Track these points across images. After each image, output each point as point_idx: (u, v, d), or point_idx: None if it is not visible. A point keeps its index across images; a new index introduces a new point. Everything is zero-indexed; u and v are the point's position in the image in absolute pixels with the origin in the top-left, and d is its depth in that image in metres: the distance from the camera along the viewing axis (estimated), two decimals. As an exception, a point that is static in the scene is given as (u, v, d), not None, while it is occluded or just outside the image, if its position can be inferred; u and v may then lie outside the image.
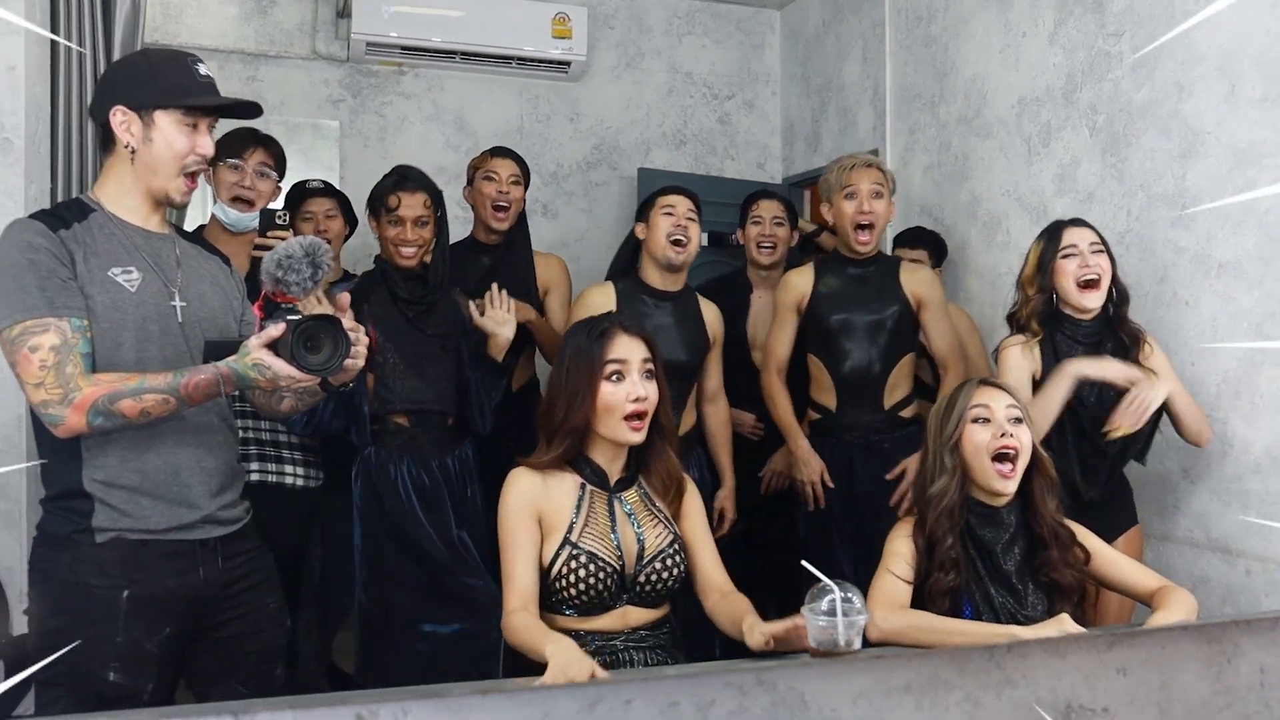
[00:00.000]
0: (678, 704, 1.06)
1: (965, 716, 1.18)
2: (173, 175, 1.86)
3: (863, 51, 4.30)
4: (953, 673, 1.16)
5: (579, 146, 4.70)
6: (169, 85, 1.85)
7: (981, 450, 2.02)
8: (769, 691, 1.10)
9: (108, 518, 1.81)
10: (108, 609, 1.79)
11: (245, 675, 1.98)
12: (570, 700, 1.03)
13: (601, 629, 1.94)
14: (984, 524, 2.05)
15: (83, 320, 1.77)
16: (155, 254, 1.90)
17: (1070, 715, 1.22)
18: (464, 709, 1.00)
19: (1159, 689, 1.29)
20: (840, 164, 3.10)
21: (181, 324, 1.89)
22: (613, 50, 4.79)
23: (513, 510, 1.94)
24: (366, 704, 0.99)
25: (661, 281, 3.02)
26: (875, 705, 1.15)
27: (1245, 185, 2.61)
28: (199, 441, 1.90)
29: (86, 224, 1.84)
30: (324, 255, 1.85)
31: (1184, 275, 2.78)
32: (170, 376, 1.75)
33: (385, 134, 4.44)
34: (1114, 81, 3.01)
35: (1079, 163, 3.14)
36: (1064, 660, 1.24)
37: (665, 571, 1.97)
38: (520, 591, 1.88)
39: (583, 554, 1.91)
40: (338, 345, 1.77)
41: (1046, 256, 2.58)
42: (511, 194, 3.24)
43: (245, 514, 2.02)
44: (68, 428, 1.73)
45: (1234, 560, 2.64)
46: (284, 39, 4.31)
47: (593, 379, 1.95)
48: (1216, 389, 2.68)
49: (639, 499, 2.04)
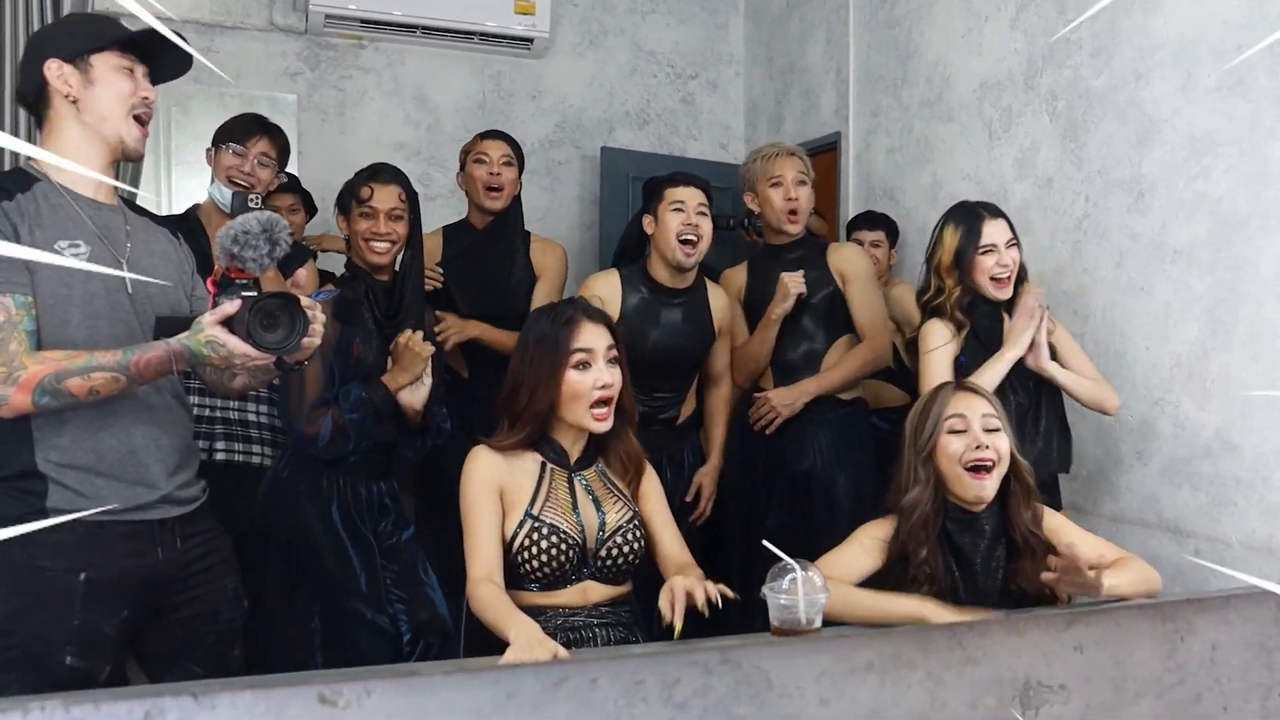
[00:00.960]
0: (643, 682, 1.06)
1: (927, 694, 1.19)
2: (122, 118, 1.82)
3: (826, 33, 4.30)
4: (915, 651, 1.17)
5: (541, 124, 4.66)
6: (98, 28, 1.83)
7: (955, 460, 1.98)
8: (734, 670, 1.10)
9: (63, 499, 1.77)
10: (64, 592, 1.76)
11: (202, 656, 1.95)
12: (536, 679, 1.03)
13: (564, 604, 1.96)
14: (962, 531, 2.01)
15: (27, 296, 1.72)
16: (105, 226, 1.85)
17: (1029, 692, 1.24)
18: (429, 689, 0.99)
19: (1114, 665, 1.32)
20: (763, 154, 3.10)
21: (131, 298, 1.84)
22: (576, 27, 4.75)
23: (475, 484, 1.96)
24: (329, 684, 0.98)
25: (670, 279, 2.93)
26: (838, 683, 1.16)
27: (1200, 173, 2.64)
28: (154, 420, 1.87)
29: (30, 194, 1.78)
30: (281, 231, 1.82)
31: (1139, 261, 2.82)
32: (120, 354, 1.71)
33: (344, 108, 4.38)
34: (1073, 68, 3.04)
35: (1038, 148, 3.17)
36: (1023, 638, 1.26)
37: (626, 546, 2.00)
38: (485, 562, 1.89)
39: (544, 526, 1.94)
40: (295, 323, 1.73)
41: (966, 250, 2.57)
42: (504, 175, 3.20)
43: (202, 493, 1.99)
44: (12, 407, 1.68)
45: (1184, 540, 2.69)
46: (240, 9, 4.22)
47: (557, 367, 1.97)
48: (1169, 373, 2.73)
49: (598, 477, 2.08)
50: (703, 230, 2.87)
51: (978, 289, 2.60)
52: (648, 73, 4.88)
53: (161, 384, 1.86)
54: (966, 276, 2.59)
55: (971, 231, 2.58)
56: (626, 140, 4.78)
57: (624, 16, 4.83)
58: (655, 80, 4.89)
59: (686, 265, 2.89)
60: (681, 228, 2.85)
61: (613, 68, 4.81)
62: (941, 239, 2.63)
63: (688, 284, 2.96)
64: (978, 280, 2.58)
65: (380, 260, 2.64)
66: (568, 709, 1.03)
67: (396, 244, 2.65)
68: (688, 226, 2.85)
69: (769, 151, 3.10)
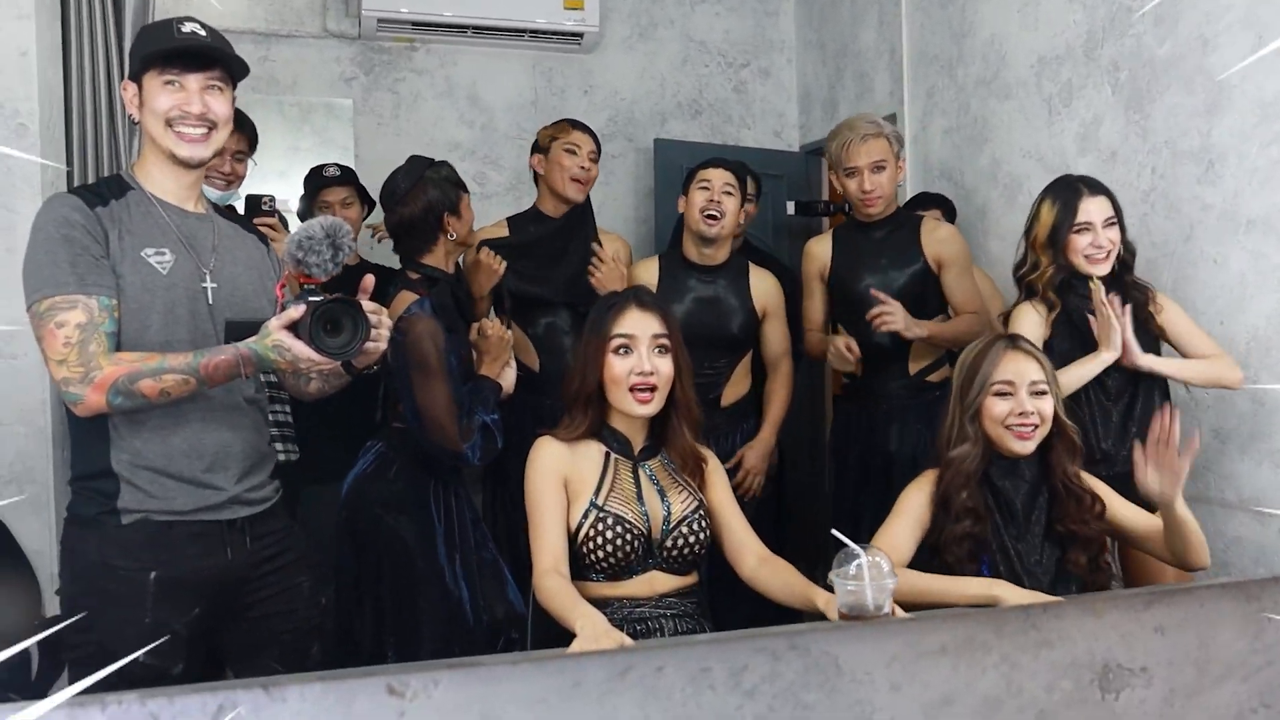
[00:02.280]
0: (710, 670, 1.05)
1: (1002, 678, 1.16)
2: (163, 131, 1.84)
3: (879, 15, 4.24)
4: (989, 634, 1.14)
5: (593, 119, 4.63)
6: (149, 49, 1.85)
7: (998, 421, 2.05)
8: (802, 656, 1.08)
9: (133, 499, 1.80)
10: (135, 591, 1.79)
11: (280, 653, 1.97)
12: (601, 668, 1.02)
13: (630, 595, 1.95)
14: (1003, 475, 2.07)
15: (111, 299, 1.77)
16: (191, 235, 1.89)
17: (1108, 675, 1.21)
18: (495, 679, 0.99)
19: (1197, 647, 1.27)
20: (839, 138, 3.02)
21: (211, 306, 1.88)
22: (625, 20, 4.74)
23: (540, 475, 1.96)
24: (397, 675, 0.98)
25: (699, 255, 3.01)
26: (909, 668, 1.13)
27: (1273, 139, 2.55)
28: (226, 423, 1.89)
29: (124, 201, 1.84)
30: (344, 236, 1.83)
31: (1211, 233, 2.73)
32: (190, 357, 1.74)
33: (399, 111, 4.42)
34: (1136, 37, 2.95)
35: (1101, 121, 3.08)
36: (1100, 620, 1.22)
37: (692, 536, 1.98)
38: (550, 553, 1.89)
39: (609, 516, 1.94)
40: (357, 328, 1.74)
41: (1062, 227, 2.51)
42: (591, 171, 3.20)
43: (274, 494, 2.01)
44: (87, 406, 1.73)
45: (1267, 520, 2.60)
46: (294, 17, 4.28)
47: (600, 351, 1.99)
48: (1246, 347, 2.64)
49: (662, 467, 2.07)
50: (725, 207, 2.96)
51: (1073, 267, 2.52)
52: (699, 63, 4.85)
53: (235, 387, 1.89)
54: (1061, 254, 2.52)
55: (1068, 208, 2.51)
56: (679, 131, 4.75)
57: (673, 7, 4.80)
58: (706, 70, 4.86)
59: (709, 235, 2.97)
60: (705, 204, 2.96)
61: (663, 59, 4.79)
62: (1039, 214, 2.57)
63: (718, 261, 3.03)
64: (1072, 259, 2.51)
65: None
66: (634, 697, 1.02)
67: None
68: (711, 203, 2.96)
69: (845, 138, 3.00)
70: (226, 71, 1.89)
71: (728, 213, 2.96)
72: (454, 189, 2.65)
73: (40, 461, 2.76)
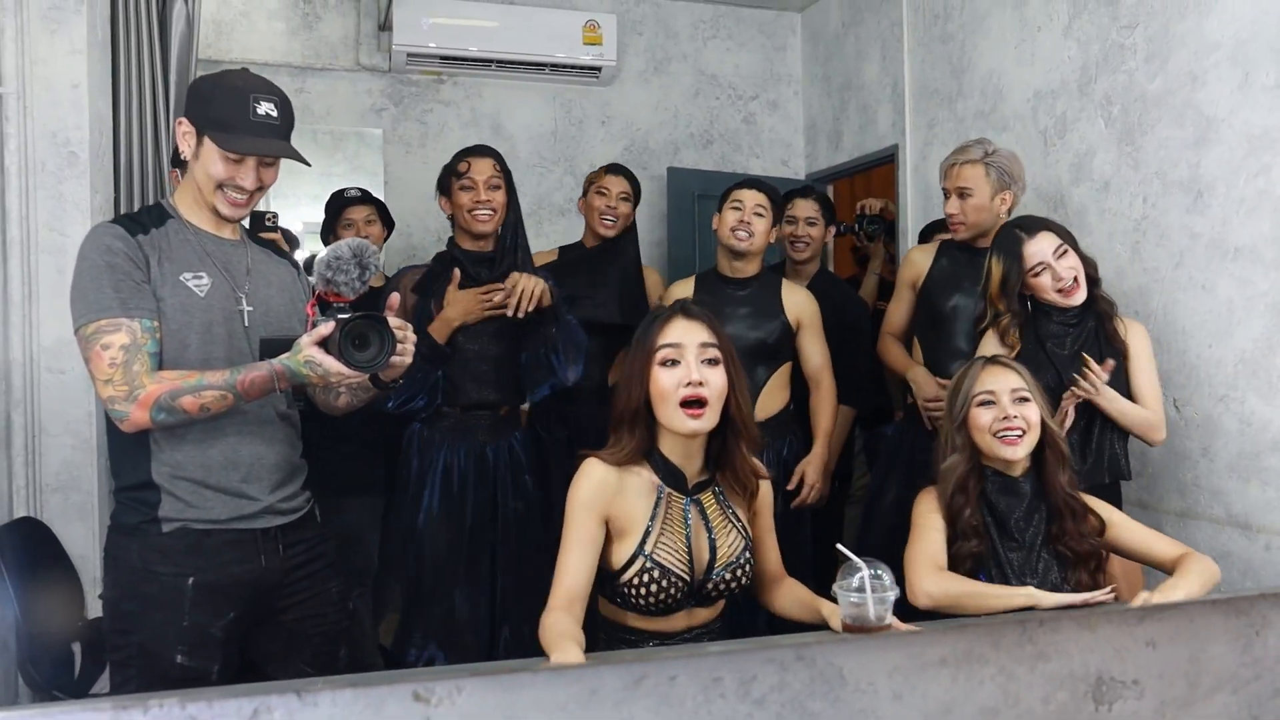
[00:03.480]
0: (721, 679, 1.04)
1: (999, 689, 1.15)
2: (211, 191, 1.86)
3: (881, 50, 4.25)
4: (986, 647, 1.14)
5: (610, 148, 4.68)
6: (219, 116, 1.82)
7: (985, 430, 2.05)
8: (808, 666, 1.08)
9: (173, 508, 1.82)
10: (174, 595, 1.81)
11: (310, 656, 1.98)
12: (617, 677, 1.02)
13: (663, 630, 1.85)
14: (1001, 493, 2.06)
15: (153, 321, 1.79)
16: (226, 260, 1.91)
17: (1101, 687, 1.20)
18: (516, 686, 0.99)
19: (1188, 661, 1.26)
20: (948, 161, 2.91)
21: (247, 327, 1.90)
22: (641, 55, 4.77)
23: (581, 505, 1.77)
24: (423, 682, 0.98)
25: (731, 269, 3.06)
26: (910, 679, 1.13)
27: (1260, 170, 2.55)
28: (261, 436, 1.91)
29: (164, 230, 1.86)
30: (371, 256, 1.85)
31: (1200, 260, 2.72)
32: (228, 373, 1.76)
33: (426, 140, 4.45)
34: (1128, 73, 2.95)
35: (1094, 153, 3.08)
36: (1094, 634, 1.21)
37: (733, 580, 1.85)
38: (566, 590, 1.72)
39: (656, 568, 1.77)
40: (384, 342, 1.76)
41: (1012, 278, 2.45)
42: (619, 209, 3.31)
43: (306, 504, 2.02)
44: (132, 423, 1.75)
45: (1254, 535, 2.58)
46: (329, 52, 4.33)
47: (646, 364, 1.79)
48: (1234, 369, 2.62)
49: (716, 504, 1.88)
50: (755, 228, 2.99)
51: (1039, 305, 2.48)
52: (710, 95, 4.87)
53: (268, 401, 1.90)
54: (1015, 302, 2.47)
55: (1012, 256, 2.45)
56: (691, 160, 4.77)
57: (686, 43, 4.83)
58: (717, 102, 4.88)
59: (739, 250, 3.00)
60: (736, 222, 3.00)
61: (676, 92, 4.81)
62: (989, 270, 2.51)
63: (748, 274, 3.05)
64: (1045, 299, 2.46)
65: (485, 228, 2.72)
66: (648, 704, 1.02)
67: (498, 212, 2.72)
68: (741, 223, 2.99)
69: (952, 158, 2.89)
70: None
71: (758, 232, 3.00)
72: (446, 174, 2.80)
73: (85, 471, 2.79)
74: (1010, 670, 1.16)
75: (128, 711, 0.93)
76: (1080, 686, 1.20)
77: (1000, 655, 1.16)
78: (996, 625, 1.19)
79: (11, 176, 2.71)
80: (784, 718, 1.07)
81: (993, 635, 1.16)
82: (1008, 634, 1.17)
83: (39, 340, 2.73)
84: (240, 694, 0.97)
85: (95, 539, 2.78)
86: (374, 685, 0.99)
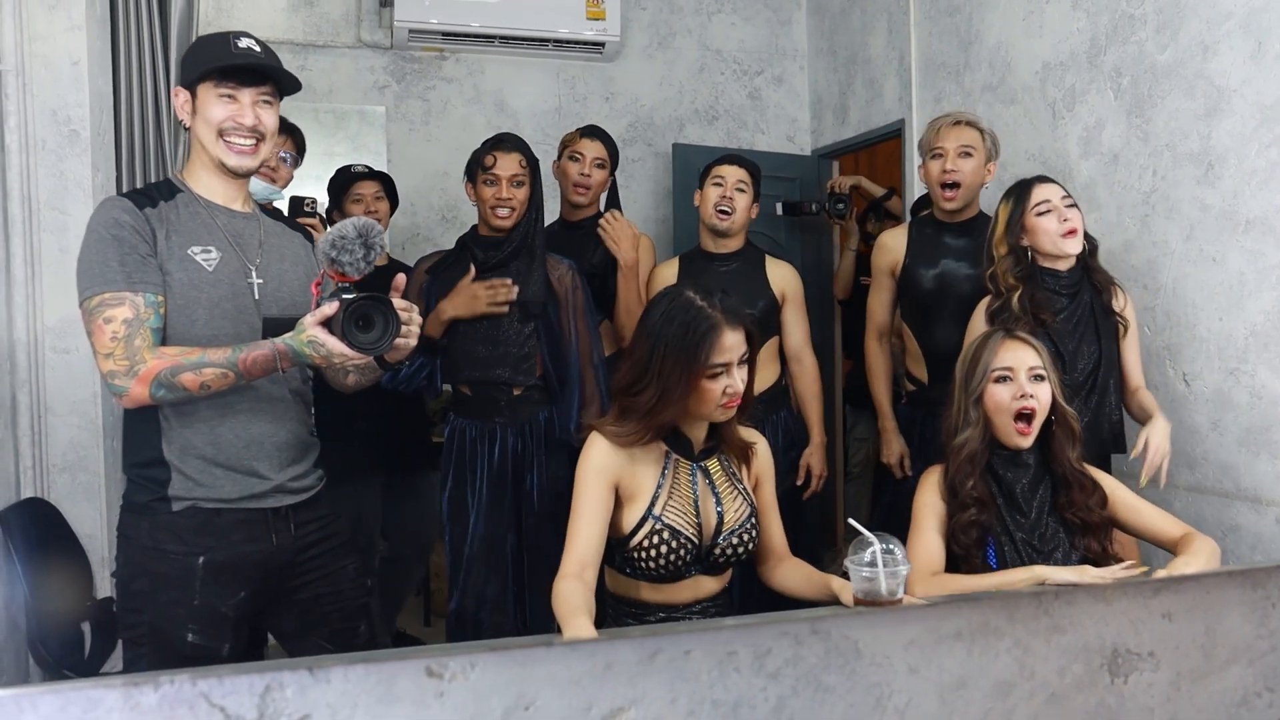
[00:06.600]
0: (735, 653, 1.04)
1: (1015, 662, 1.15)
2: (214, 140, 1.85)
3: (888, 24, 4.21)
4: (1003, 619, 1.13)
5: (615, 124, 4.64)
6: (205, 59, 1.84)
7: (1003, 409, 2.03)
8: (823, 640, 1.07)
9: (183, 486, 1.81)
10: (185, 574, 1.80)
11: (329, 633, 1.98)
12: (632, 651, 1.01)
13: (670, 601, 1.88)
14: (1006, 465, 2.06)
15: (157, 296, 1.77)
16: (237, 234, 1.89)
17: (1117, 659, 1.19)
18: (530, 661, 0.98)
19: (1204, 633, 1.26)
20: (931, 124, 2.91)
21: (258, 302, 1.88)
22: (645, 30, 4.72)
23: (590, 472, 1.81)
24: (436, 657, 0.98)
25: (714, 245, 3.03)
26: (926, 652, 1.12)
27: (1271, 141, 2.52)
28: (271, 414, 1.89)
29: (173, 203, 1.85)
30: (376, 236, 1.82)
31: (1210, 232, 2.70)
32: (230, 351, 1.74)
33: (429, 117, 4.42)
34: (1138, 43, 2.92)
35: (1103, 125, 3.05)
36: (1110, 606, 1.21)
37: (740, 545, 1.89)
38: (578, 556, 1.75)
39: (665, 529, 1.82)
40: (388, 324, 1.74)
41: (1015, 216, 2.47)
42: (594, 176, 3.12)
43: (318, 482, 2.01)
44: (131, 398, 1.74)
45: (1263, 509, 2.57)
46: (330, 29, 4.29)
47: (693, 377, 1.79)
48: (1244, 342, 2.61)
49: (721, 469, 1.93)
50: (737, 203, 2.97)
51: (1044, 249, 2.45)
52: (715, 71, 4.83)
53: (280, 379, 1.89)
54: (1018, 242, 2.47)
55: (1021, 198, 2.48)
56: (696, 136, 4.73)
57: (691, 18, 4.79)
58: (722, 78, 4.84)
59: (720, 229, 2.98)
60: (718, 199, 2.97)
61: (681, 67, 4.77)
62: (996, 215, 2.54)
63: (731, 249, 3.02)
64: (1040, 241, 2.44)
65: (503, 224, 2.70)
66: (663, 679, 1.01)
67: (517, 210, 2.70)
68: (723, 199, 2.97)
69: (936, 122, 2.89)
70: (277, 86, 1.90)
71: (739, 208, 2.96)
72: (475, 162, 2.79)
73: (92, 450, 2.78)
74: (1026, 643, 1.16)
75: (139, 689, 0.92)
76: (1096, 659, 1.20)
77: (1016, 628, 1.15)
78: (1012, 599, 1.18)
79: (12, 155, 2.69)
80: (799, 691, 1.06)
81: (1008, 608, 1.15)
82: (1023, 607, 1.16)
83: (43, 320, 2.72)
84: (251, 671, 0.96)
85: (103, 519, 2.78)
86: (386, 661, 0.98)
